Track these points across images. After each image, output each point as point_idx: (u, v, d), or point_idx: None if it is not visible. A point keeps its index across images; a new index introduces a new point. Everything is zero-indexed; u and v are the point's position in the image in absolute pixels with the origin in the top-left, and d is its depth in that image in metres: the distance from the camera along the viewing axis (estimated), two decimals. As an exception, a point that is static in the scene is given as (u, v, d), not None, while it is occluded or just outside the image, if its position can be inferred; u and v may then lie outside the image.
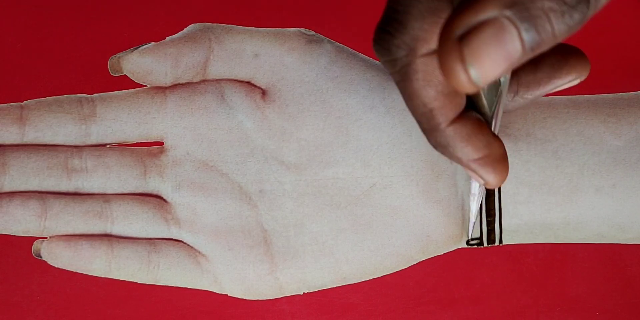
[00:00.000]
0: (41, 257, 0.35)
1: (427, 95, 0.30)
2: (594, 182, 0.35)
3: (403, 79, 0.30)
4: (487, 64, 0.25)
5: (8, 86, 0.55)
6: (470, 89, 0.25)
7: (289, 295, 0.36)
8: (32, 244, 0.36)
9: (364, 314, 0.53)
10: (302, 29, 0.35)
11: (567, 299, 0.53)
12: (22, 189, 0.35)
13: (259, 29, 0.35)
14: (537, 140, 0.35)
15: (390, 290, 0.53)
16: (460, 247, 0.37)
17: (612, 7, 0.56)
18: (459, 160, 0.31)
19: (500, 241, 0.36)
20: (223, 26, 0.35)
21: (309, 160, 0.35)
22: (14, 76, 0.55)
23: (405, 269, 0.36)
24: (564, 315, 0.53)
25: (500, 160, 0.31)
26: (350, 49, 0.36)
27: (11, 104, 0.35)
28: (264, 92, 0.35)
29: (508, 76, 0.30)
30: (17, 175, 0.35)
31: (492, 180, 0.31)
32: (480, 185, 0.34)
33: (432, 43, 0.29)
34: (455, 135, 0.30)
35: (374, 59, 0.36)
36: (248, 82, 0.36)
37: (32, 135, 0.35)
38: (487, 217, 0.36)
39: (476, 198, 0.34)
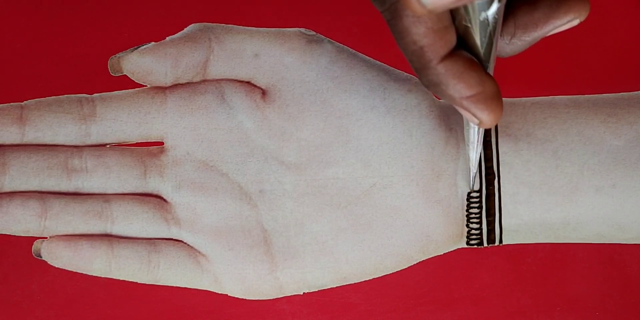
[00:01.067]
0: (41, 257, 0.35)
1: (417, 32, 0.29)
2: (593, 182, 0.35)
3: (393, 17, 0.29)
4: None
5: (8, 86, 0.55)
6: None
7: (289, 295, 0.36)
8: (32, 244, 0.36)
9: (364, 314, 0.53)
10: (302, 29, 0.35)
11: (567, 299, 0.53)
12: (22, 189, 0.35)
13: (259, 29, 0.35)
14: (537, 140, 0.35)
15: (390, 290, 0.53)
16: (460, 247, 0.37)
17: (612, 7, 0.56)
18: (451, 99, 0.31)
19: (500, 241, 0.36)
20: (223, 26, 0.35)
21: (309, 160, 0.35)
22: (14, 76, 0.55)
23: (405, 269, 0.36)
24: (564, 315, 0.53)
25: (493, 98, 0.31)
26: (351, 49, 0.36)
27: (11, 104, 0.35)
28: (264, 92, 0.35)
29: (499, 17, 0.29)
30: (17, 175, 0.35)
31: (486, 118, 0.31)
32: (477, 133, 0.34)
33: None
34: (447, 72, 0.30)
35: (374, 59, 0.36)
36: (248, 82, 0.36)
37: (32, 135, 0.35)
38: (487, 217, 0.36)
39: (475, 146, 0.34)
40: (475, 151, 0.34)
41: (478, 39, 0.30)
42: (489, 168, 0.35)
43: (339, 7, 0.55)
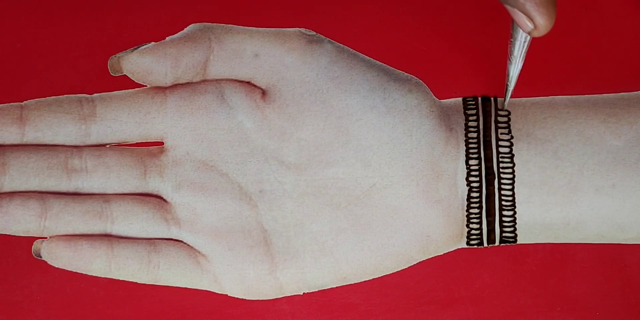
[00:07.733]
0: (41, 257, 0.35)
1: None
2: (593, 182, 0.35)
3: None
4: None
5: (8, 86, 0.55)
6: None
7: (289, 295, 0.36)
8: (32, 244, 0.36)
9: (364, 314, 0.53)
10: (303, 29, 0.35)
11: (567, 299, 0.53)
12: (22, 189, 0.35)
13: (259, 29, 0.35)
14: (537, 140, 0.35)
15: (390, 290, 0.53)
16: (460, 247, 0.37)
17: (612, 7, 0.56)
18: (515, 1, 0.30)
19: (501, 241, 0.36)
20: (223, 26, 0.35)
21: (309, 160, 0.35)
22: (14, 76, 0.55)
23: (405, 269, 0.36)
24: (564, 315, 0.53)
25: (553, 3, 0.30)
26: (351, 49, 0.36)
27: (11, 104, 0.35)
28: (264, 92, 0.35)
29: None
30: (17, 175, 0.35)
31: (543, 22, 0.30)
32: (522, 45, 0.33)
33: None
34: None
35: (374, 59, 0.36)
36: (248, 82, 0.36)
37: (32, 135, 0.35)
38: (487, 217, 0.36)
39: (517, 61, 0.33)
40: (516, 66, 0.33)
41: None
42: (489, 168, 0.35)
43: (339, 7, 0.55)
